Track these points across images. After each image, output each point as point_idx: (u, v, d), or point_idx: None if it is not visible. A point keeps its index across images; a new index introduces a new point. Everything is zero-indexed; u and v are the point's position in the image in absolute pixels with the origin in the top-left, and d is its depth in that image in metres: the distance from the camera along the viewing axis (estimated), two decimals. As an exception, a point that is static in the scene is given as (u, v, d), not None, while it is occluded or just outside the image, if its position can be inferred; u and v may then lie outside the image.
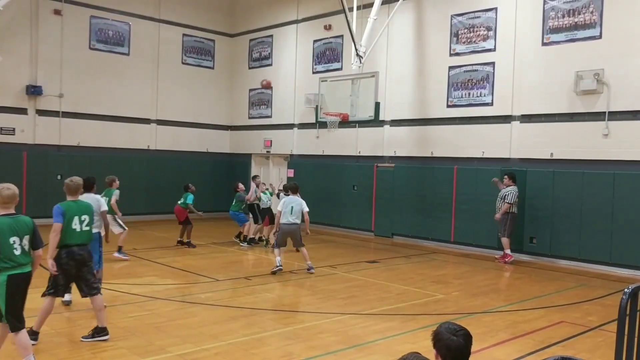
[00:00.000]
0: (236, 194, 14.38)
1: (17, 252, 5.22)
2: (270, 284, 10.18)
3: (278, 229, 11.06)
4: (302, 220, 11.00)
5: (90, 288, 6.46)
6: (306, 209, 11.03)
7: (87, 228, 6.48)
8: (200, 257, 12.54)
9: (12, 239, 5.19)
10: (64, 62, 17.68)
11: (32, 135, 17.23)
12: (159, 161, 19.44)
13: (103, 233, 8.24)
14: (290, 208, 10.87)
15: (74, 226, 6.33)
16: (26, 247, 5.31)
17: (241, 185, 14.59)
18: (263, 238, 14.58)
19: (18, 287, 5.26)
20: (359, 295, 9.29)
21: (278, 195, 14.25)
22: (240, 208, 14.36)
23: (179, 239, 13.95)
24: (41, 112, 17.35)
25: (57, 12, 17.51)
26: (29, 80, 17.09)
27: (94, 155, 18.07)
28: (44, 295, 6.37)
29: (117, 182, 11.70)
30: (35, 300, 6.20)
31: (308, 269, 11.00)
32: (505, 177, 12.92)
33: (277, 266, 10.83)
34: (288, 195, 11.24)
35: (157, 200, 18.82)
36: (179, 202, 13.89)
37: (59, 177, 17.16)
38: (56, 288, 6.37)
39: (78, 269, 6.38)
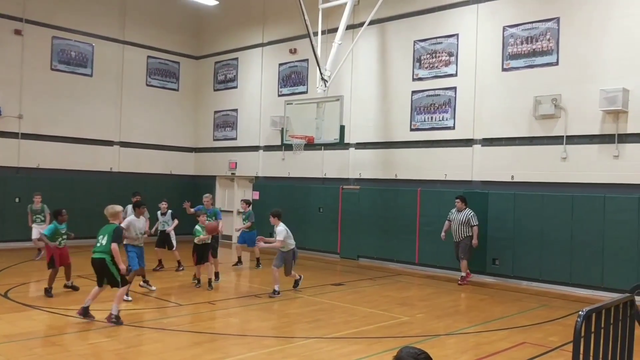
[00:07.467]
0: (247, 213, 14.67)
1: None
2: (234, 309, 10.05)
3: None
4: None
5: None
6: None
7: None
8: (163, 281, 12.30)
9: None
10: (24, 83, 17.36)
11: (-11, 157, 16.79)
12: (121, 183, 19.09)
13: None
14: None
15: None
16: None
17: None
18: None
19: None
20: (324, 319, 9.24)
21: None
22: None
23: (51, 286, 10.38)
24: (-1, 134, 16.98)
25: (18, 32, 17.22)
26: (-13, 101, 16.71)
27: (54, 178, 17.68)
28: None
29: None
30: None
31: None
32: (457, 200, 13.02)
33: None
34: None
35: (119, 223, 18.42)
36: None
37: (17, 199, 16.75)
38: None
39: None
